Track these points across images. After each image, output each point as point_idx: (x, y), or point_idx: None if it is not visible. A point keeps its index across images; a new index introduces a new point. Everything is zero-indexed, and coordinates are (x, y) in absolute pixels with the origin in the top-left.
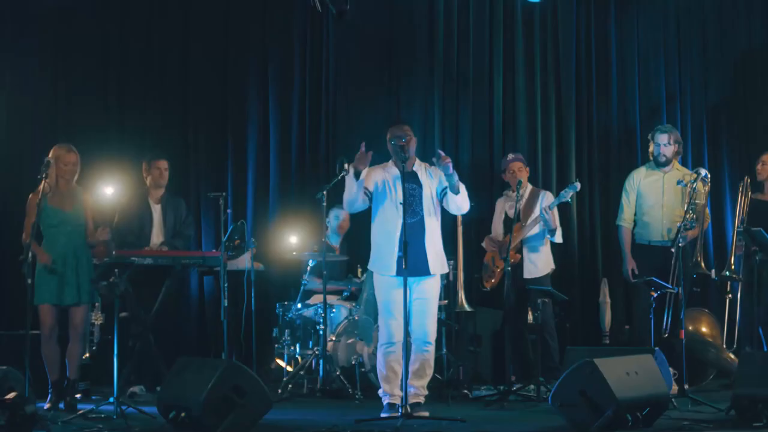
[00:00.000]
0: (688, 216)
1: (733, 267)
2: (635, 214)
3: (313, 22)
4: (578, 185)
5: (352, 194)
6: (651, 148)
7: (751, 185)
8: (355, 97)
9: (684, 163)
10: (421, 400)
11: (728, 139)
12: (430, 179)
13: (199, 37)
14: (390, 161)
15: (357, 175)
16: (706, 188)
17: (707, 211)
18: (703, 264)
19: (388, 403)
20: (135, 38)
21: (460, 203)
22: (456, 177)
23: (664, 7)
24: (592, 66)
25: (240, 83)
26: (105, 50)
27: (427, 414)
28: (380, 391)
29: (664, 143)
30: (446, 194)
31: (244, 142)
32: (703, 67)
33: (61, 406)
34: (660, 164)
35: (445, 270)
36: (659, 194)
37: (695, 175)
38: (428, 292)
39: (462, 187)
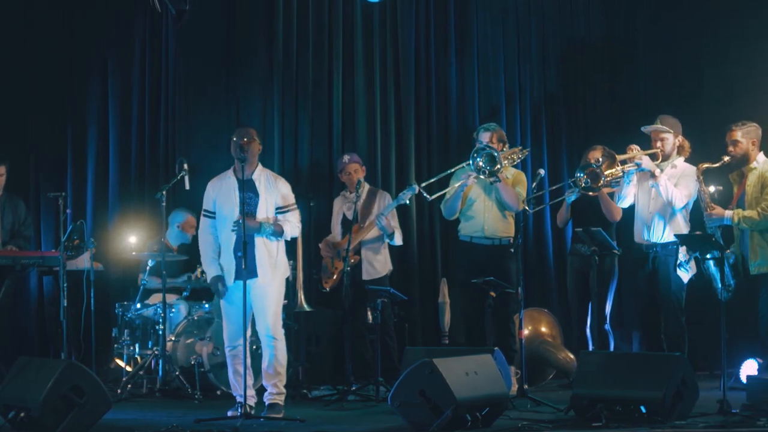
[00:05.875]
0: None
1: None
2: (460, 212)
3: (153, 22)
4: (416, 187)
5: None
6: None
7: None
8: (194, 98)
9: (523, 161)
10: (277, 400)
11: (567, 133)
12: (269, 190)
13: (39, 35)
14: (231, 168)
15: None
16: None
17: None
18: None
19: (239, 402)
20: None
21: None
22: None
23: (503, 6)
24: (432, 66)
25: (80, 82)
26: None
27: (281, 415)
28: (233, 390)
29: (487, 141)
30: None
31: (84, 142)
32: (542, 64)
33: None
34: None
35: (280, 272)
36: (483, 191)
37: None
38: (263, 289)
39: (289, 230)
